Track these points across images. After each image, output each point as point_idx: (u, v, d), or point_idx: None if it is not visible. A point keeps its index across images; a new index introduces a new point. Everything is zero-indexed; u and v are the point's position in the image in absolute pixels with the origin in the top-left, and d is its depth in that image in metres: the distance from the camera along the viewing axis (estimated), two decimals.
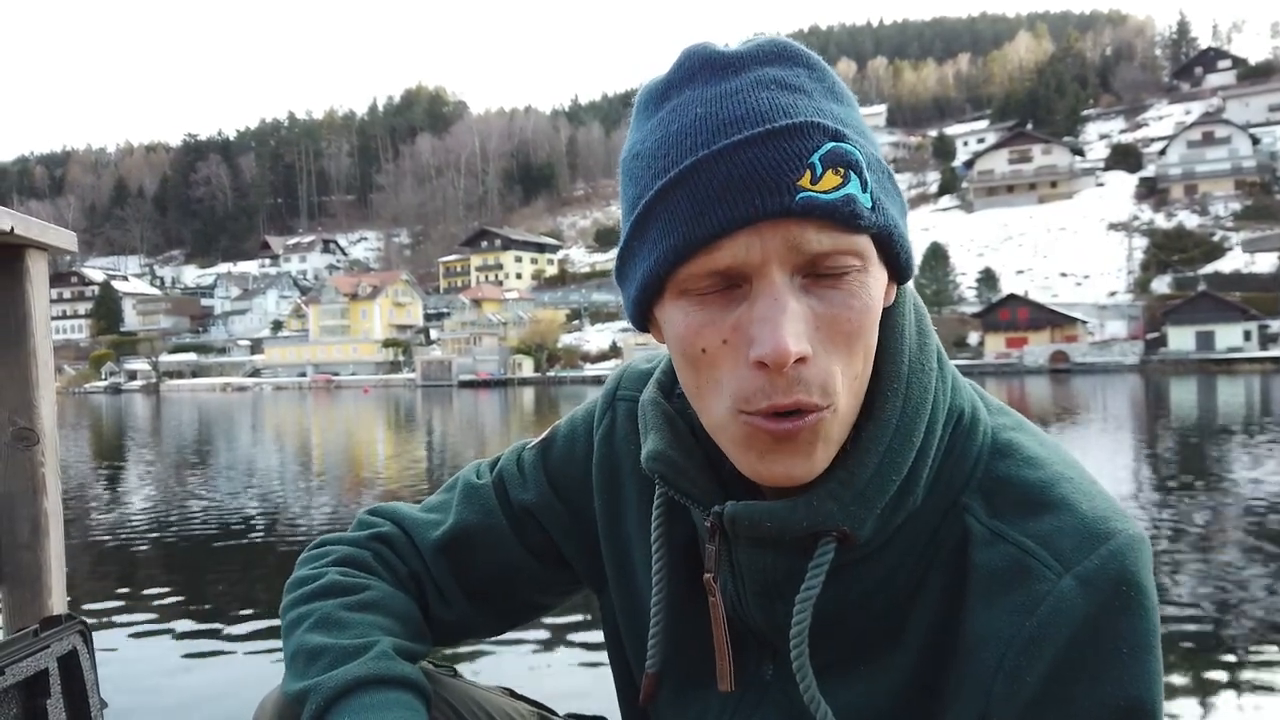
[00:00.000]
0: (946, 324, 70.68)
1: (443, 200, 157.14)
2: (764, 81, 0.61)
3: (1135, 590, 0.62)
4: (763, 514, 0.66)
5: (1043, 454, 0.69)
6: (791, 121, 0.59)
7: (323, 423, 29.28)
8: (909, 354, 0.69)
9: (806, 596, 0.66)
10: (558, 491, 0.88)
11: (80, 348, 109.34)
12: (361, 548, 0.90)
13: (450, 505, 0.92)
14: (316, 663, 0.76)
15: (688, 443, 0.74)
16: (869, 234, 0.62)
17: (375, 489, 11.32)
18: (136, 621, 5.12)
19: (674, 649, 0.80)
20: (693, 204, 0.59)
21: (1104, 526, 0.64)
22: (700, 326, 0.62)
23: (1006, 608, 0.64)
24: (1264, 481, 9.34)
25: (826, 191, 0.58)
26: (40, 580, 1.40)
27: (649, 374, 0.85)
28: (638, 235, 0.64)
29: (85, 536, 7.96)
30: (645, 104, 0.67)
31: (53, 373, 1.45)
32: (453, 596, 0.89)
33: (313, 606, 0.82)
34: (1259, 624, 4.65)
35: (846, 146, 0.60)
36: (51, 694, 1.11)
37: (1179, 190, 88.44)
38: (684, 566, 0.79)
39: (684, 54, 0.65)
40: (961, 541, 0.68)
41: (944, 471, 0.69)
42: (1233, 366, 53.69)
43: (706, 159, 0.59)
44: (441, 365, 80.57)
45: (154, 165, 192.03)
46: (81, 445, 20.37)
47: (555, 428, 0.93)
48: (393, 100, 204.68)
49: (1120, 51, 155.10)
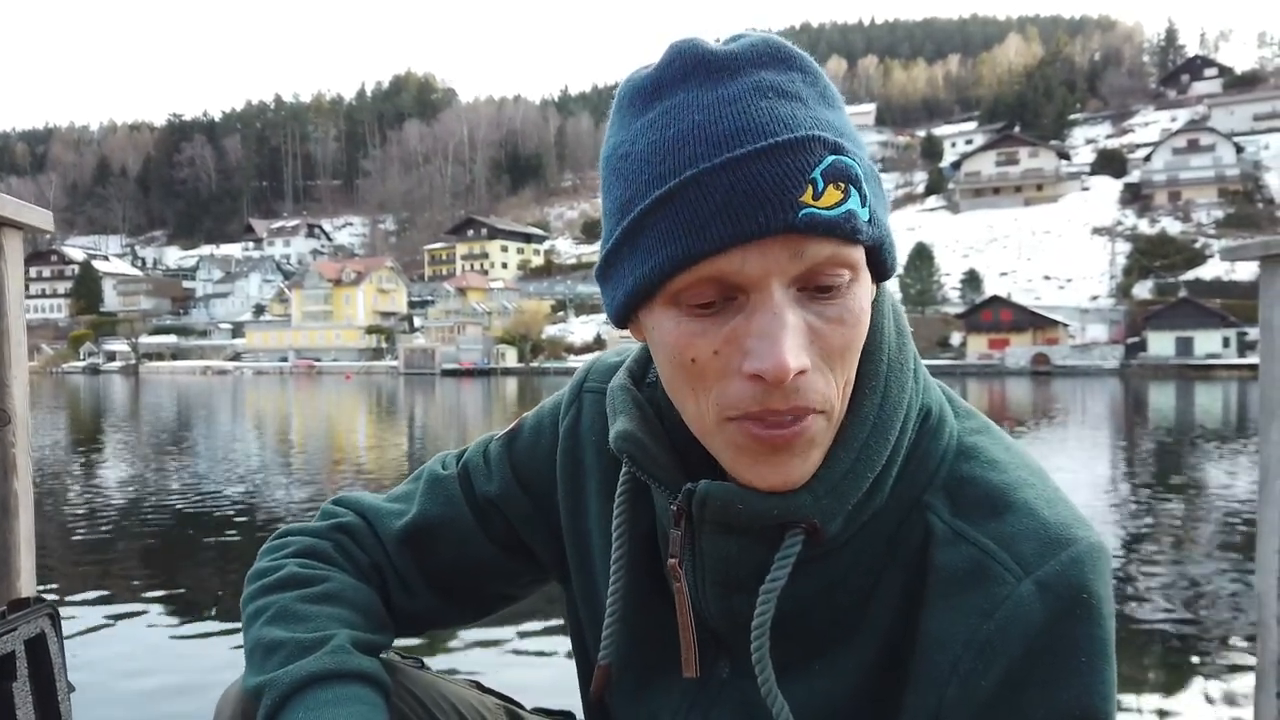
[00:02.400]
0: (930, 324, 71.02)
1: (430, 188, 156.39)
2: (761, 88, 0.61)
3: (1094, 599, 0.62)
4: (735, 496, 0.66)
5: (1006, 458, 0.70)
6: (793, 136, 0.59)
7: (304, 409, 29.12)
8: (888, 353, 0.69)
9: (771, 587, 0.66)
10: (521, 483, 0.88)
11: (59, 327, 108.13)
12: (322, 538, 0.89)
13: (414, 496, 0.92)
14: (273, 657, 0.76)
15: (655, 428, 0.74)
16: (865, 246, 0.62)
17: (354, 476, 11.27)
18: (107, 606, 5.08)
19: (632, 642, 0.79)
20: (694, 216, 0.59)
21: (1066, 533, 0.64)
22: (692, 336, 0.62)
23: (965, 609, 0.64)
24: (1234, 485, 9.44)
25: (829, 208, 0.59)
26: (8, 562, 1.38)
27: (618, 366, 0.84)
28: (628, 240, 0.64)
29: (56, 519, 7.89)
30: (633, 100, 0.65)
31: (26, 352, 1.44)
32: (416, 587, 0.89)
33: (271, 599, 0.82)
34: (1225, 625, 4.69)
35: (846, 160, 0.60)
36: (18, 677, 1.09)
37: (1163, 196, 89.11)
38: (644, 557, 0.79)
39: (674, 50, 0.64)
40: (923, 540, 0.68)
41: (908, 469, 0.69)
42: (1211, 372, 54.16)
43: (708, 172, 0.59)
44: (425, 353, 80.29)
45: (138, 144, 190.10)
46: (58, 426, 20.17)
47: (522, 419, 0.93)
48: (381, 86, 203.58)
49: (1109, 57, 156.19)
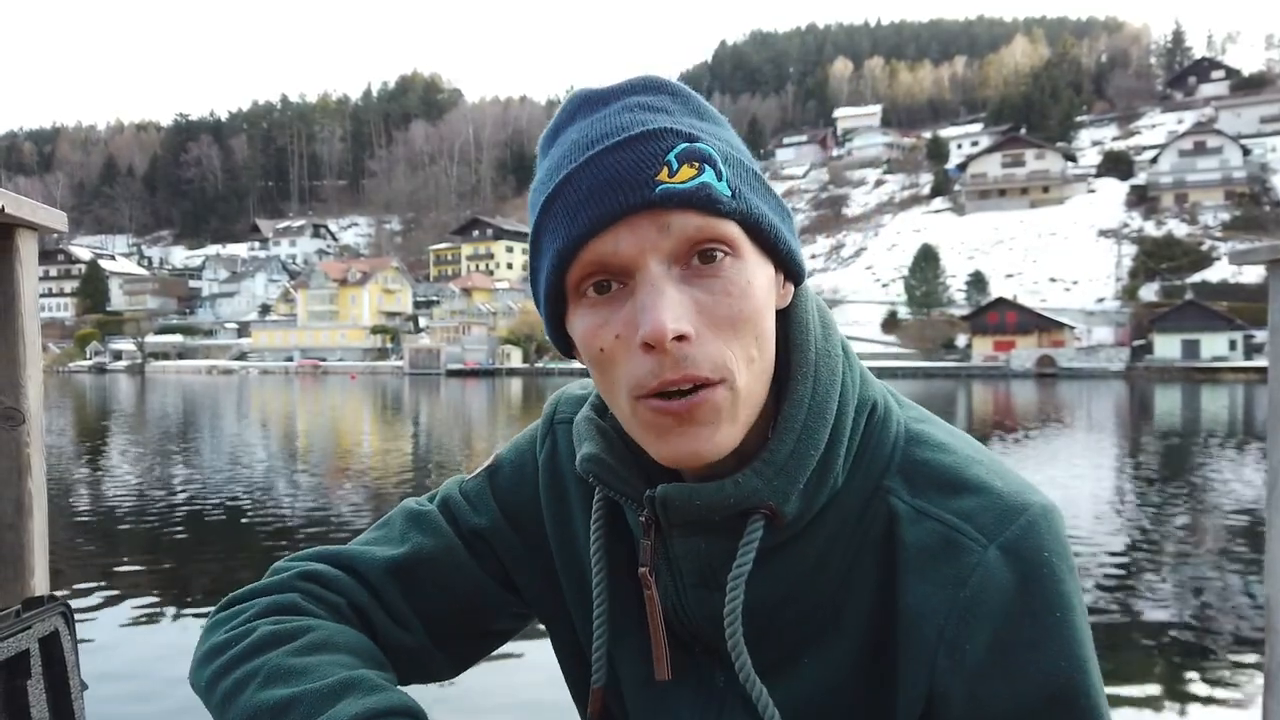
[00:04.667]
0: (935, 326, 70.90)
1: (435, 188, 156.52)
2: (630, 106, 0.68)
3: (1055, 556, 0.66)
4: (692, 493, 0.69)
5: (952, 440, 0.74)
6: (646, 129, 0.65)
7: (309, 409, 29.15)
8: (815, 343, 0.73)
9: (738, 574, 0.69)
10: (509, 518, 0.87)
11: (65, 326, 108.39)
12: (285, 591, 0.81)
13: (394, 530, 0.88)
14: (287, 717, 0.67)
15: (619, 449, 0.77)
16: (735, 221, 0.66)
17: (359, 476, 11.28)
18: (119, 604, 5.10)
19: (636, 662, 0.80)
20: (567, 210, 0.65)
21: (1019, 499, 0.68)
22: (597, 327, 0.66)
23: (939, 580, 0.67)
24: (1241, 490, 9.41)
25: (683, 182, 0.63)
26: (23, 561, 1.39)
27: (584, 398, 0.88)
28: (535, 254, 0.70)
29: (69, 518, 7.92)
30: (542, 148, 0.72)
31: (40, 353, 1.45)
32: (407, 622, 0.83)
33: (253, 665, 0.72)
34: (1233, 628, 4.69)
35: (700, 145, 0.65)
36: (32, 675, 1.10)
37: (1169, 199, 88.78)
38: (629, 579, 0.79)
39: (566, 99, 0.72)
40: (888, 522, 0.70)
41: (863, 457, 0.72)
42: (1217, 375, 53.99)
43: (575, 170, 0.65)
44: (429, 353, 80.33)
45: (144, 144, 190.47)
46: (65, 425, 20.22)
47: (499, 455, 0.92)
48: (387, 86, 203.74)
49: (1115, 59, 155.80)
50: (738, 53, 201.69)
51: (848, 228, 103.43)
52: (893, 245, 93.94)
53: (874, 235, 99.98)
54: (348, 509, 8.77)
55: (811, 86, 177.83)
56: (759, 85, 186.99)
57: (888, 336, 72.03)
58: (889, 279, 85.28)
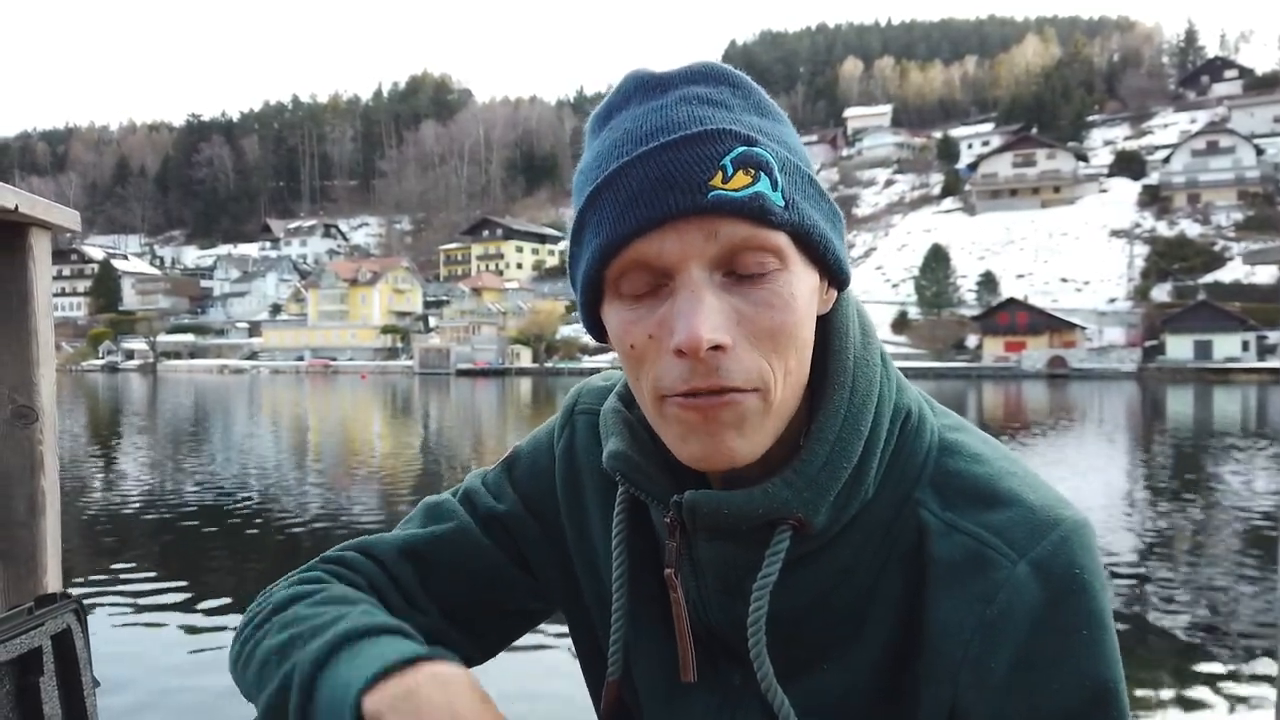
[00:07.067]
0: (946, 326, 70.67)
1: (445, 188, 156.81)
2: (688, 98, 0.66)
3: (1086, 573, 0.65)
4: (721, 501, 0.68)
5: (986, 451, 0.73)
6: (704, 129, 0.63)
7: (320, 408, 29.26)
8: (853, 351, 0.72)
9: (763, 584, 0.68)
10: (528, 506, 0.88)
11: (78, 325, 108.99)
12: (312, 570, 0.84)
13: (414, 521, 0.89)
14: (288, 651, 0.69)
15: (647, 446, 0.76)
16: (785, 232, 0.65)
17: (370, 476, 11.32)
18: (131, 601, 5.14)
19: (651, 659, 0.80)
20: (615, 205, 0.64)
21: (1051, 514, 0.67)
22: (630, 324, 0.66)
23: (966, 596, 0.66)
24: (1254, 492, 9.36)
25: (737, 190, 0.62)
26: (36, 558, 1.40)
27: (607, 389, 0.88)
28: (576, 241, 0.69)
29: (82, 515, 7.97)
30: (592, 127, 0.71)
31: (53, 352, 1.45)
32: (421, 602, 0.84)
33: (269, 623, 0.75)
34: (1246, 631, 4.67)
35: (758, 150, 0.64)
36: (45, 671, 1.11)
37: (1182, 199, 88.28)
38: (651, 575, 0.79)
39: (623, 78, 0.70)
40: (918, 535, 0.70)
41: (894, 467, 0.72)
42: (1230, 376, 53.70)
43: (628, 164, 0.63)
44: (439, 353, 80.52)
45: (156, 144, 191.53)
46: (78, 424, 20.34)
47: (517, 447, 0.93)
48: (398, 86, 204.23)
49: (1127, 58, 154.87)
50: (748, 52, 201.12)
51: (858, 228, 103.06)
52: (903, 245, 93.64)
53: (884, 235, 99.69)
54: (359, 508, 8.80)
55: (821, 86, 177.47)
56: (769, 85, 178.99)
57: (898, 337, 71.79)
58: (899, 279, 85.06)
